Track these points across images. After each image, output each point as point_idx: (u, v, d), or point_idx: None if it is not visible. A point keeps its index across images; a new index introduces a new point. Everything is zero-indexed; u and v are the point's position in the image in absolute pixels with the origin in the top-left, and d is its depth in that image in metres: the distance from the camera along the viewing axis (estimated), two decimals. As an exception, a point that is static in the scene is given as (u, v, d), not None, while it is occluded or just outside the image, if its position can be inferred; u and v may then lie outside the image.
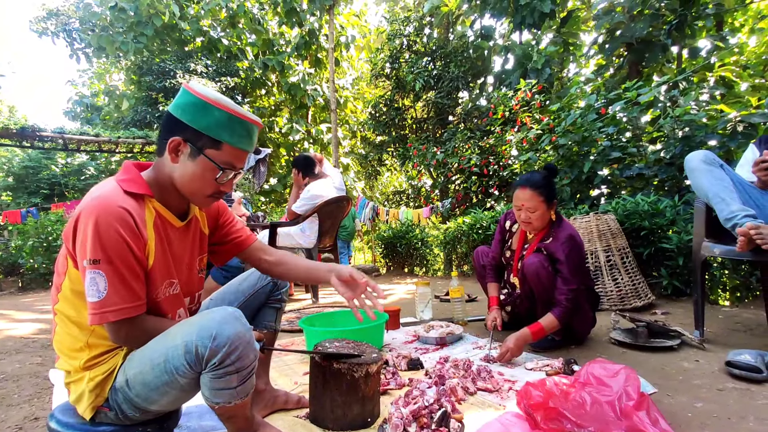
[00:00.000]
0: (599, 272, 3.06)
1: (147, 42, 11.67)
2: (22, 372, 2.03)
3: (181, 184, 1.05)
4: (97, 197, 0.94)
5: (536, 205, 2.02)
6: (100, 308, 0.91)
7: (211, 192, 1.07)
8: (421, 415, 1.23)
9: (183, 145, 1.01)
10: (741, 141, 3.37)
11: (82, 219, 0.92)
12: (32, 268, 6.97)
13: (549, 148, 4.93)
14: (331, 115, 9.53)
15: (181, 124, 1.00)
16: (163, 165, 1.05)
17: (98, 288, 0.91)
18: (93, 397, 1.00)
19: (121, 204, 0.94)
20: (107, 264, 0.91)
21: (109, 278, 0.92)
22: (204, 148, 1.01)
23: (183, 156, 1.02)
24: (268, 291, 1.40)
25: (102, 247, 0.91)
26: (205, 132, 1.00)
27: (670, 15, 6.97)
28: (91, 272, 0.91)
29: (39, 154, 13.19)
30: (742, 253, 1.74)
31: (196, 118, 1.00)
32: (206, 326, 0.92)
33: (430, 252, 6.86)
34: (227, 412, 1.02)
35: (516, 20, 8.34)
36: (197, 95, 1.00)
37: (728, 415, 1.31)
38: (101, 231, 0.91)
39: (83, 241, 0.92)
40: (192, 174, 1.03)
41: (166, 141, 1.02)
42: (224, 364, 0.92)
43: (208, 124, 1.00)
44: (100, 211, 0.92)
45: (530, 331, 1.89)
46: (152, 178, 1.06)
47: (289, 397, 1.45)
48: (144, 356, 0.98)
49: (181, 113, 1.00)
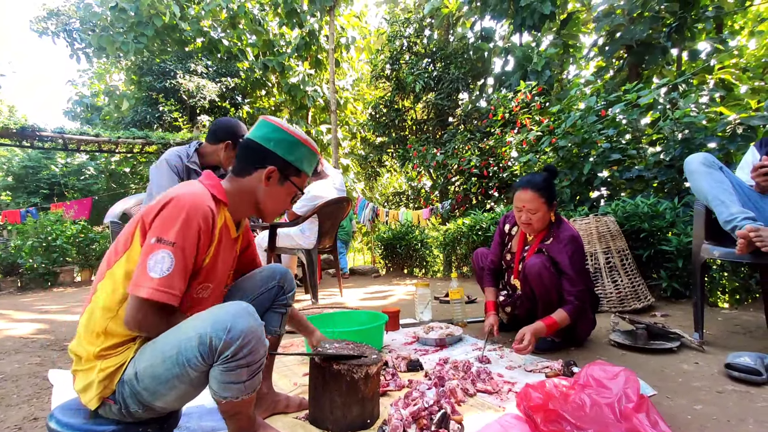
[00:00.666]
0: (599, 274, 3.06)
1: (147, 42, 11.66)
2: (21, 372, 2.03)
3: (265, 203, 1.23)
4: (191, 192, 1.07)
5: (537, 207, 2.03)
6: (157, 285, 0.96)
7: (283, 209, 1.32)
8: (420, 417, 1.23)
9: (275, 173, 1.20)
10: (740, 143, 3.37)
11: (174, 204, 1.03)
12: (31, 268, 6.96)
13: (549, 150, 4.93)
14: (331, 116, 9.52)
15: (272, 155, 1.19)
16: (247, 184, 1.21)
17: (163, 267, 0.98)
18: (101, 387, 1.01)
19: (209, 204, 1.08)
20: (180, 251, 1.00)
21: (176, 263, 0.99)
22: (290, 176, 1.23)
23: (273, 182, 1.21)
24: (274, 295, 1.38)
25: (182, 235, 1.01)
26: (293, 163, 1.22)
27: (670, 17, 6.99)
28: (162, 251, 0.98)
29: (39, 153, 13.19)
30: (742, 255, 1.74)
31: (289, 153, 1.21)
32: (221, 319, 0.95)
33: (430, 253, 6.86)
34: (233, 408, 1.03)
35: (516, 22, 8.35)
36: (293, 134, 1.21)
37: (727, 417, 1.31)
38: (187, 221, 1.02)
39: (166, 222, 1.01)
40: (277, 196, 1.23)
41: (257, 167, 1.19)
42: (236, 357, 0.95)
43: (296, 158, 1.22)
44: (192, 204, 1.03)
45: (545, 324, 1.88)
46: (230, 191, 1.20)
47: (291, 401, 1.45)
48: (156, 348, 0.99)
49: (275, 146, 1.19)
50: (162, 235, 0.99)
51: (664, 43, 7.16)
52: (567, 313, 1.91)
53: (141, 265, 0.98)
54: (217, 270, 1.17)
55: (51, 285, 7.10)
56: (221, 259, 1.18)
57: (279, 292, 1.39)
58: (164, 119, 11.26)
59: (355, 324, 2.32)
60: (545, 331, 1.89)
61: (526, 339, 1.81)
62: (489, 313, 2.28)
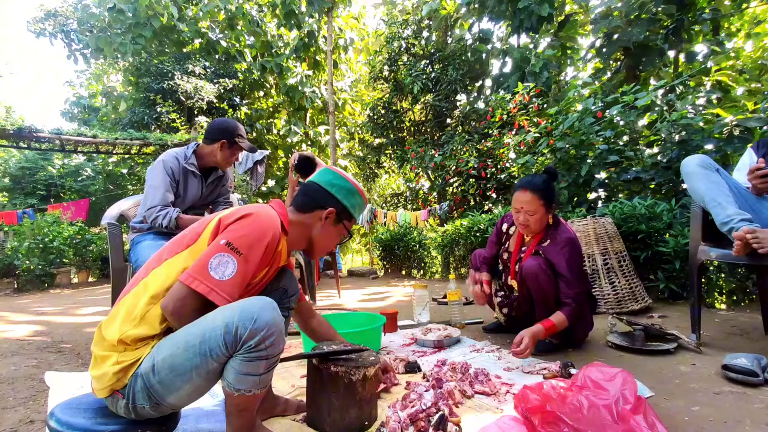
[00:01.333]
0: (596, 275, 3.07)
1: (145, 43, 11.64)
2: (17, 374, 2.02)
3: (318, 240, 1.34)
4: (269, 214, 1.17)
5: (536, 209, 2.03)
6: (215, 286, 1.02)
7: (331, 249, 1.42)
8: (418, 419, 1.22)
9: (333, 215, 1.31)
10: (737, 145, 3.39)
11: (253, 218, 1.12)
12: (28, 270, 6.94)
13: (546, 152, 4.94)
14: (329, 118, 9.53)
15: (334, 199, 1.33)
16: (307, 220, 1.32)
17: (225, 270, 1.04)
18: (114, 380, 1.02)
19: (280, 230, 1.19)
20: (245, 262, 1.07)
21: (239, 272, 1.06)
22: (344, 219, 1.35)
23: (329, 222, 1.32)
24: (279, 297, 1.37)
25: (250, 248, 1.08)
26: (349, 209, 1.35)
27: (667, 20, 7.03)
28: (227, 255, 1.05)
29: (36, 155, 13.17)
30: (739, 256, 1.74)
31: (347, 199, 1.34)
32: (248, 309, 0.99)
33: (428, 255, 6.87)
34: (243, 403, 1.04)
35: (514, 24, 8.38)
36: (352, 183, 1.36)
37: (724, 419, 1.31)
38: (260, 238, 1.10)
39: (241, 231, 1.09)
40: (330, 235, 1.35)
41: (319, 207, 1.31)
42: (259, 348, 0.98)
43: (352, 205, 1.35)
44: (269, 225, 1.13)
45: (543, 327, 1.88)
46: (293, 222, 1.30)
47: (289, 404, 1.44)
48: (177, 339, 1.01)
49: (336, 191, 1.33)
50: (234, 241, 1.06)
51: (661, 45, 7.20)
52: (565, 315, 1.91)
53: (203, 260, 1.04)
54: (255, 287, 1.24)
55: (48, 286, 7.08)
56: (266, 280, 1.27)
57: (282, 294, 1.39)
58: (162, 120, 11.25)
59: (353, 326, 2.32)
60: (544, 334, 1.89)
61: (524, 343, 1.81)
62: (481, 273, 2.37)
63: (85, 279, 8.36)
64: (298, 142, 13.19)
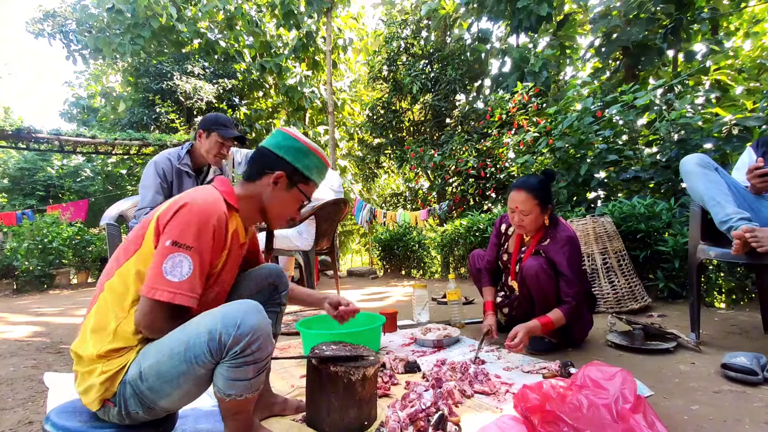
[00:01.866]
0: (596, 275, 3.07)
1: (144, 44, 11.63)
2: (16, 375, 2.02)
3: (271, 208, 1.24)
4: (206, 197, 1.09)
5: (530, 209, 2.03)
6: (177, 289, 0.98)
7: (290, 217, 1.29)
8: (418, 419, 1.22)
9: (283, 179, 1.21)
10: (736, 144, 3.39)
11: (189, 208, 1.04)
12: (27, 271, 6.93)
13: (546, 151, 4.94)
14: (328, 118, 9.53)
15: (283, 161, 1.21)
16: (256, 189, 1.23)
17: (182, 270, 1.00)
18: (103, 390, 1.01)
19: (224, 210, 1.10)
20: (197, 254, 1.02)
21: (195, 267, 1.01)
22: (298, 183, 1.24)
23: (280, 187, 1.22)
24: (268, 294, 1.42)
25: (198, 238, 1.02)
26: (302, 170, 1.23)
27: (666, 19, 7.02)
28: (179, 254, 1.00)
29: (35, 155, 13.15)
30: (738, 255, 1.74)
31: (297, 159, 1.22)
32: (231, 315, 0.97)
33: (428, 254, 6.87)
34: (235, 407, 1.02)
35: (513, 23, 8.38)
36: (302, 142, 1.24)
37: (724, 417, 1.31)
38: (203, 225, 1.03)
39: (182, 225, 1.02)
40: (285, 202, 1.24)
41: (266, 172, 1.21)
42: (245, 353, 0.96)
43: (305, 165, 1.23)
44: (208, 209, 1.05)
45: (540, 322, 1.89)
46: (240, 196, 1.22)
47: (288, 404, 1.44)
48: (162, 346, 0.99)
49: (285, 153, 1.22)
50: (178, 238, 1.00)
51: (660, 44, 7.20)
52: (563, 312, 1.92)
53: (156, 268, 0.99)
54: (224, 275, 1.19)
55: (47, 287, 7.07)
56: (229, 264, 1.20)
57: (273, 291, 1.42)
58: (161, 121, 11.24)
59: (352, 325, 2.31)
60: (540, 330, 1.89)
61: (519, 337, 1.82)
62: (487, 313, 2.28)
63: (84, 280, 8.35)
64: (297, 142, 13.18)
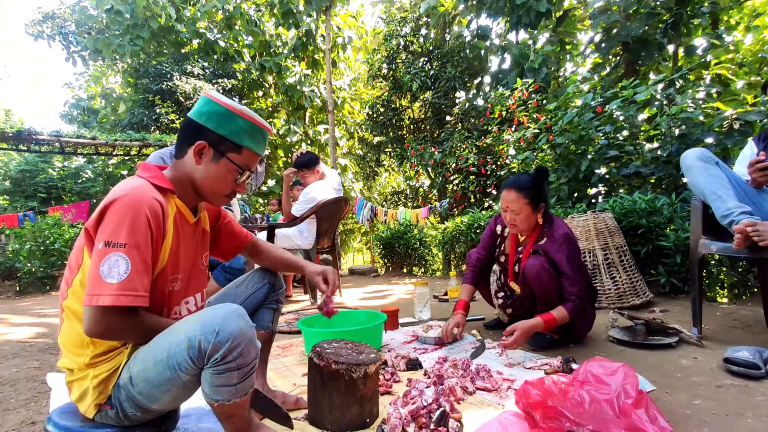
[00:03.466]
0: (597, 271, 3.06)
1: (143, 44, 11.63)
2: (19, 376, 2.02)
3: (202, 183, 1.12)
4: (131, 188, 0.99)
5: (521, 208, 2.01)
6: (118, 290, 0.91)
7: (228, 191, 1.15)
8: (419, 415, 1.22)
9: (207, 149, 1.09)
10: (737, 138, 3.38)
11: (115, 205, 0.95)
12: (29, 272, 6.95)
13: (546, 147, 4.94)
14: (328, 117, 9.51)
15: (205, 130, 1.09)
16: (185, 166, 1.12)
17: (119, 270, 0.92)
18: (96, 394, 1.00)
19: (154, 196, 1.01)
20: (134, 249, 0.94)
21: (133, 264, 0.93)
22: (226, 152, 1.10)
23: (206, 159, 1.10)
24: (266, 292, 1.43)
25: (131, 233, 0.94)
26: (228, 137, 1.09)
27: (666, 14, 7.00)
28: (115, 254, 0.92)
29: (36, 157, 13.16)
30: (739, 250, 1.74)
31: (221, 125, 1.09)
32: (209, 322, 0.93)
33: (429, 252, 6.87)
34: (226, 411, 1.02)
35: (512, 20, 8.36)
36: (224, 105, 1.10)
37: (726, 411, 1.31)
38: (133, 217, 0.95)
39: (112, 225, 0.94)
40: (215, 175, 1.11)
41: (189, 144, 1.10)
42: (226, 360, 0.93)
43: (231, 131, 1.09)
44: (135, 200, 0.96)
45: (543, 319, 1.87)
46: (173, 177, 1.12)
47: (287, 398, 1.45)
48: (147, 353, 0.98)
49: (206, 120, 1.09)
50: (110, 238, 0.93)
51: (660, 39, 7.17)
52: (567, 311, 1.90)
53: (93, 273, 0.92)
54: (180, 260, 1.12)
55: (49, 289, 7.09)
56: (183, 248, 1.13)
57: (270, 289, 1.43)
58: (161, 121, 11.24)
59: (354, 323, 2.32)
60: (542, 327, 1.88)
61: (514, 335, 1.82)
62: (455, 312, 2.23)
63: (86, 281, 8.36)
64: (297, 141, 13.18)
